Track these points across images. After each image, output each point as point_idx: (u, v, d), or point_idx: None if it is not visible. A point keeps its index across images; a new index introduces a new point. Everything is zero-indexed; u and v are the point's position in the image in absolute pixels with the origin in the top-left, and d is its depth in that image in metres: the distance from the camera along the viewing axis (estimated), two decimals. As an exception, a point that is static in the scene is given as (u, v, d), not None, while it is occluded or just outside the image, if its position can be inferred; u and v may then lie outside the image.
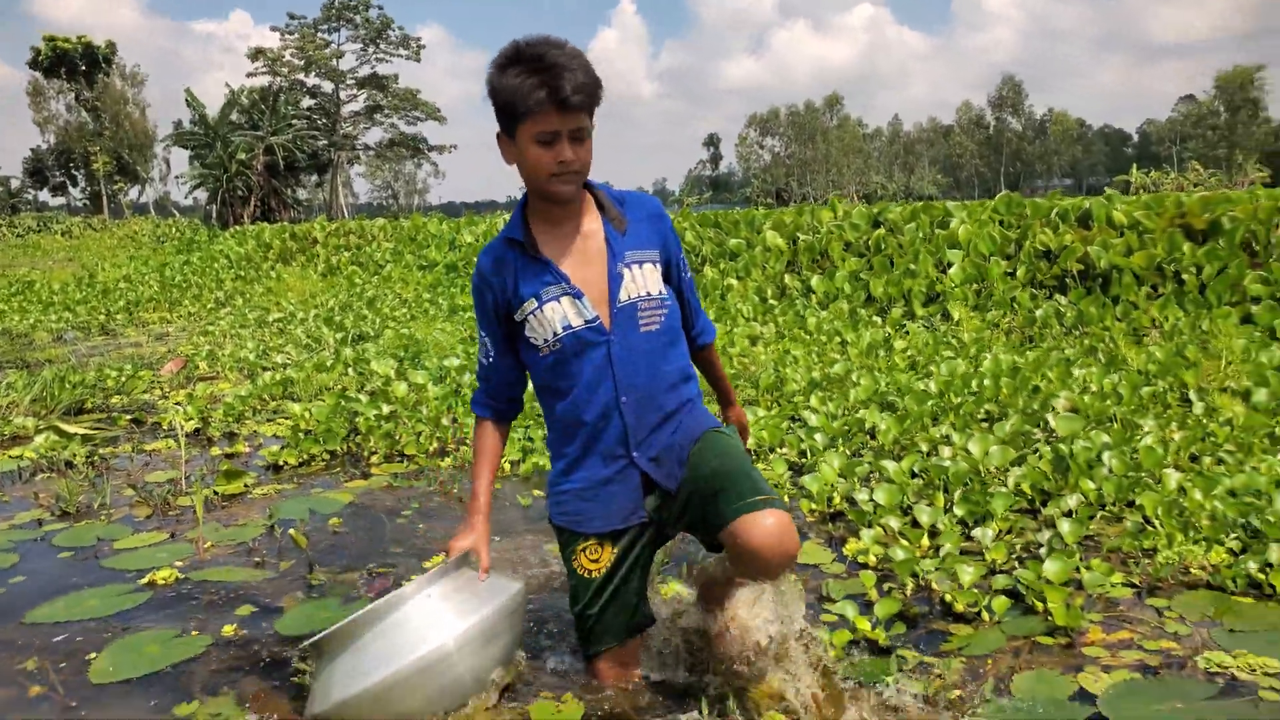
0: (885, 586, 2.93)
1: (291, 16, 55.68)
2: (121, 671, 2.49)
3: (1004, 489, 3.54)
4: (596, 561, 2.25)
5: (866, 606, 2.71)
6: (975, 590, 2.77)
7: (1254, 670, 2.38)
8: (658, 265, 2.22)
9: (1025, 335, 6.56)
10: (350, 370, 6.35)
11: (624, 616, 2.28)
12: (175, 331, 9.82)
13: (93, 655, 2.59)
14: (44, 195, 64.98)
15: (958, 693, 2.29)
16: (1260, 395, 4.47)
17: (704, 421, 2.29)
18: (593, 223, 2.18)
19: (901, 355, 5.86)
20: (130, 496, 4.09)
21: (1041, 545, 3.13)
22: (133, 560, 3.34)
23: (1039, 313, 6.72)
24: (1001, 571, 2.98)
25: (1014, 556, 3.09)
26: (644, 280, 2.17)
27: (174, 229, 29.16)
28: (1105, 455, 3.76)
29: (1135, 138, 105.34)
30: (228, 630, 2.71)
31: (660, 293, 2.19)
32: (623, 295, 2.14)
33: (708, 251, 9.52)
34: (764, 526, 1.99)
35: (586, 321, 2.12)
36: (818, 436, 4.30)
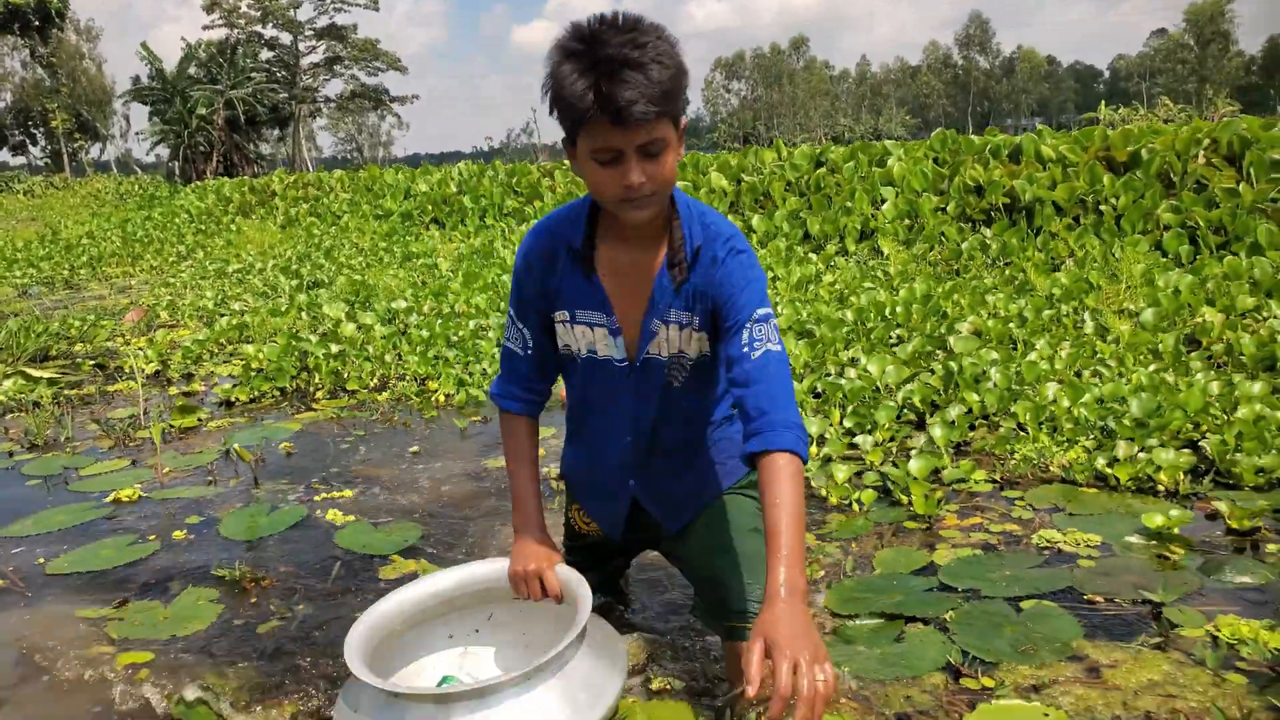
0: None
1: (246, -35, 54.44)
2: (75, 568, 2.82)
3: (892, 403, 3.89)
4: (589, 524, 2.13)
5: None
6: (847, 486, 3.12)
7: (1078, 544, 2.75)
8: (700, 329, 1.83)
9: (951, 268, 6.89)
10: (303, 314, 6.60)
11: (595, 567, 2.10)
12: (137, 285, 9.98)
13: (55, 559, 2.90)
14: (3, 155, 63.73)
15: (822, 573, 2.64)
16: (1148, 315, 4.83)
17: (722, 475, 2.00)
18: (658, 255, 1.80)
19: (828, 288, 6.18)
20: (94, 431, 4.37)
21: (914, 450, 3.49)
22: (97, 484, 3.64)
23: (965, 245, 7.05)
24: (874, 471, 3.34)
25: (889, 460, 3.44)
26: (679, 341, 1.84)
27: (136, 186, 28.91)
28: (992, 370, 4.11)
29: (1106, 74, 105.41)
30: (177, 535, 3.03)
31: (700, 354, 1.87)
32: (651, 349, 1.85)
33: (657, 195, 9.76)
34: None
35: (614, 358, 1.87)
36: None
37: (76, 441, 4.23)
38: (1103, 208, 6.96)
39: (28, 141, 60.65)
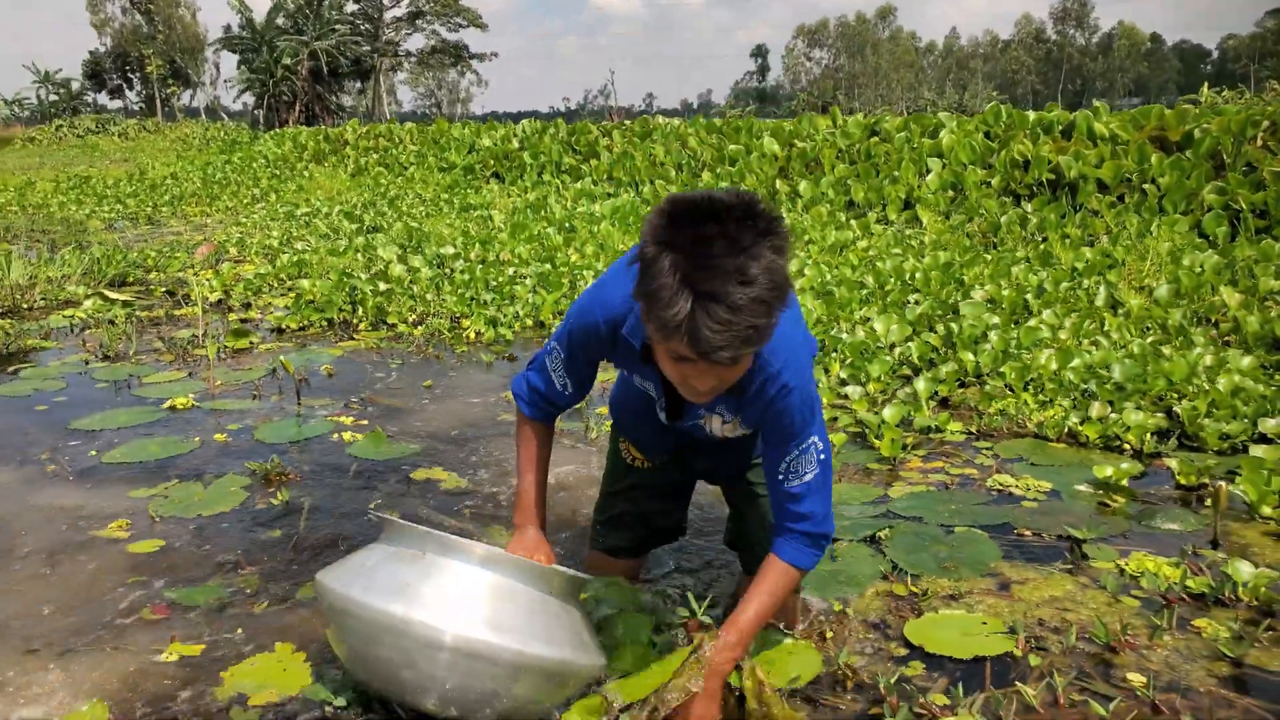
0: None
1: (338, -83, 55.29)
2: (125, 458, 3.21)
3: (889, 358, 4.08)
4: (638, 456, 2.17)
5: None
6: (824, 425, 3.35)
7: (1029, 489, 2.95)
8: (745, 426, 1.89)
9: (988, 241, 6.97)
10: (359, 256, 6.99)
11: (650, 512, 2.20)
12: (213, 224, 10.52)
13: (110, 450, 3.30)
14: (103, 98, 66.10)
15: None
16: (1163, 291, 4.92)
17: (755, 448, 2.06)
18: None
19: (859, 253, 6.33)
20: (159, 347, 4.80)
21: (896, 399, 3.70)
22: (156, 391, 4.05)
23: (1004, 219, 7.11)
24: (853, 416, 3.56)
25: (873, 410, 3.65)
26: (719, 428, 1.89)
27: (221, 132, 29.83)
28: (991, 333, 4.28)
29: (1215, 55, 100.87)
30: (219, 437, 3.40)
31: (738, 435, 1.94)
32: (694, 421, 1.90)
33: (707, 158, 9.94)
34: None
35: (657, 408, 1.92)
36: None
37: (142, 355, 4.66)
38: (1146, 187, 6.95)
39: (124, 86, 62.79)
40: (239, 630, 2.12)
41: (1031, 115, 8.53)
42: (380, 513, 1.93)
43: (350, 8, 55.57)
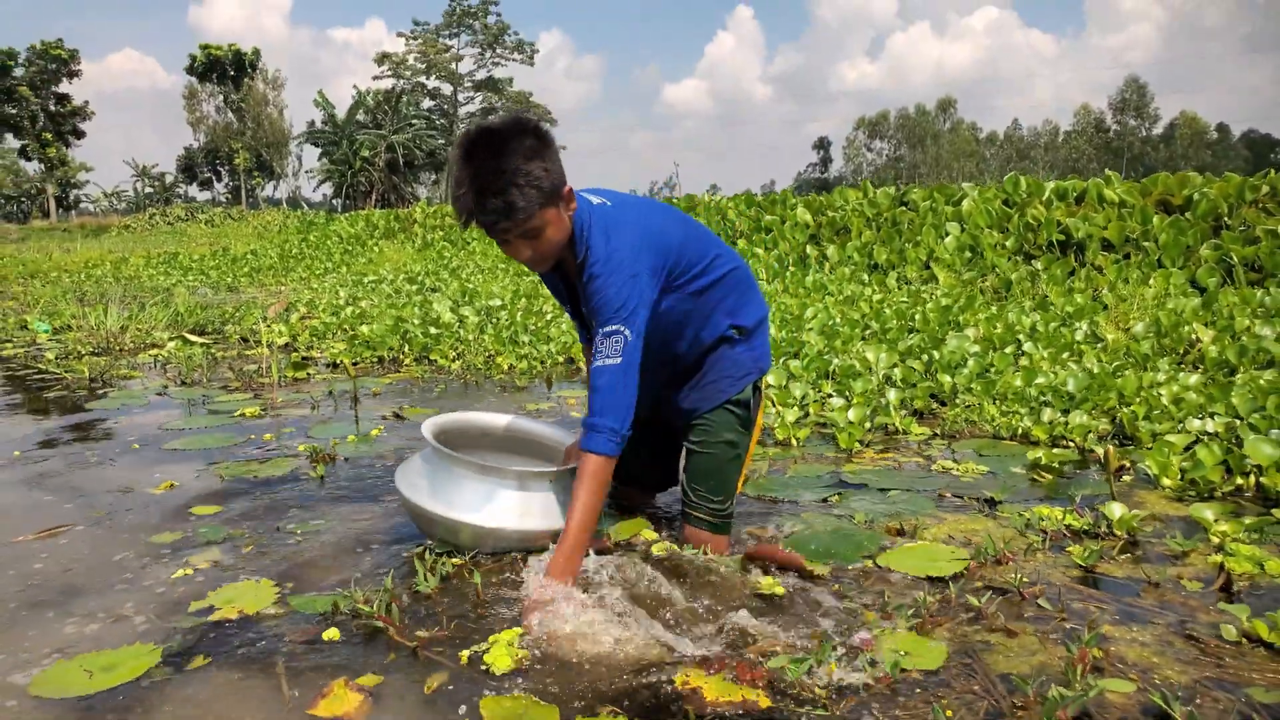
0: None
1: (416, 23, 58.92)
2: (184, 445, 3.82)
3: (873, 378, 4.53)
4: None
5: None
6: (791, 425, 3.81)
7: (967, 471, 3.35)
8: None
9: (999, 296, 7.39)
10: (417, 310, 7.67)
11: (640, 462, 2.71)
12: (287, 291, 11.41)
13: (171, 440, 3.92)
14: (193, 190, 70.19)
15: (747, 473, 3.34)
16: (1138, 327, 5.29)
17: (717, 392, 2.47)
18: (574, 263, 2.25)
19: (869, 302, 6.80)
20: (229, 376, 5.45)
21: (862, 404, 4.14)
22: (226, 406, 4.67)
23: (1014, 276, 7.54)
24: (822, 417, 4.01)
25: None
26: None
27: (302, 218, 31.63)
28: (970, 360, 4.70)
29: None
30: (268, 437, 3.98)
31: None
32: (595, 324, 2.21)
33: (744, 227, 10.55)
34: (690, 538, 2.48)
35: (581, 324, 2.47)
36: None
37: (213, 382, 5.32)
38: (1146, 245, 7.33)
39: (214, 178, 66.59)
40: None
41: (1050, 184, 8.99)
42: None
43: (427, 104, 58.63)
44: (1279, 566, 2.24)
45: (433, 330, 6.36)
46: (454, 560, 2.39)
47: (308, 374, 5.52)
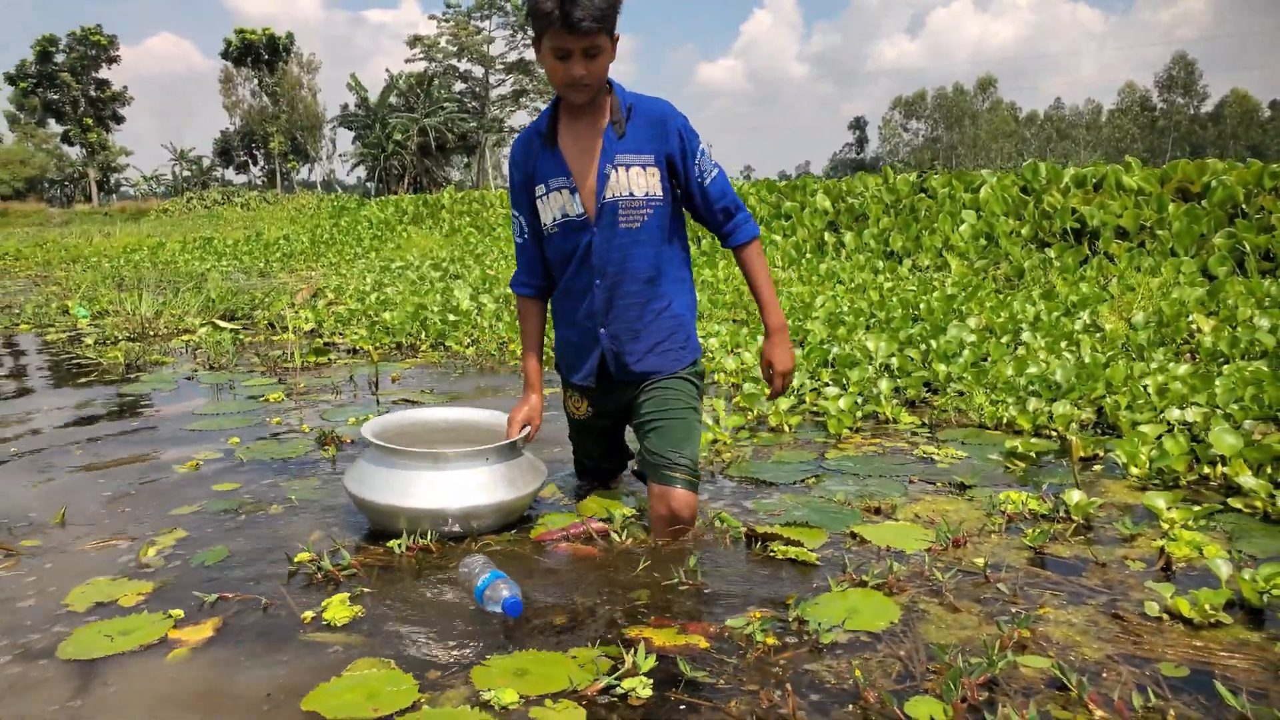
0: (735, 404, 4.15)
1: (448, 4, 59.11)
2: (208, 425, 4.06)
3: (870, 366, 4.66)
4: (578, 408, 2.76)
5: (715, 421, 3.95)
6: (785, 413, 3.96)
7: (946, 457, 3.48)
8: (651, 168, 2.43)
9: (1011, 284, 7.45)
10: (438, 296, 7.88)
11: (595, 456, 2.97)
12: (317, 276, 11.69)
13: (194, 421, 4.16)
14: (230, 173, 71.24)
15: (729, 456, 3.50)
16: (1138, 317, 5.36)
17: (666, 360, 2.59)
18: (602, 120, 2.43)
19: (878, 290, 6.90)
20: (255, 361, 5.70)
21: (852, 391, 4.27)
22: (253, 390, 4.91)
23: (1027, 264, 7.58)
24: (813, 405, 4.15)
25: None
26: (629, 182, 2.40)
27: (334, 202, 32.06)
28: (965, 350, 4.81)
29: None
30: (276, 420, 4.20)
31: (646, 194, 2.42)
32: (607, 193, 2.40)
33: (764, 213, 10.65)
34: (668, 501, 2.50)
35: (575, 215, 2.44)
36: (760, 337, 5.48)
37: (240, 367, 5.56)
38: (1160, 233, 7.35)
39: (249, 161, 67.51)
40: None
41: (1069, 171, 8.99)
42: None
43: (458, 87, 58.92)
44: (1216, 550, 2.37)
45: (451, 318, 6.56)
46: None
47: (329, 359, 5.74)
